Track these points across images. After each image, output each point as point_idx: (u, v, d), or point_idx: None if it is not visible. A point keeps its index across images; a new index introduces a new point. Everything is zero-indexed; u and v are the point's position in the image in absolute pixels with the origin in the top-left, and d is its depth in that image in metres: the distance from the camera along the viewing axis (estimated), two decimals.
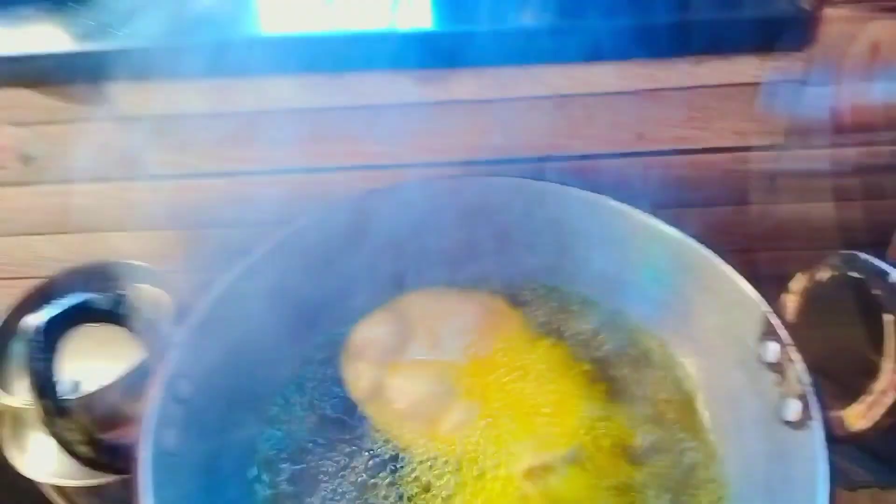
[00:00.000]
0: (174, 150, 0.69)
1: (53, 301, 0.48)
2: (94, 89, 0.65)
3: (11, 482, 0.70)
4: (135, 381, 0.62)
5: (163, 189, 0.72)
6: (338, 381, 0.61)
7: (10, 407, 0.66)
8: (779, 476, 0.47)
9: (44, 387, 0.45)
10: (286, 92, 0.64)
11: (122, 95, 0.65)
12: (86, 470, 0.64)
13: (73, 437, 0.47)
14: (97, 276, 0.72)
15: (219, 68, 0.61)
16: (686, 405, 0.56)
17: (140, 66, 0.62)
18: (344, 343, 0.62)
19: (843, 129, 0.64)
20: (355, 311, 0.65)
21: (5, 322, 0.68)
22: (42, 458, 0.67)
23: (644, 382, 0.56)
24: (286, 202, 0.71)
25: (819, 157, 0.66)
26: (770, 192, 0.68)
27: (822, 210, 0.69)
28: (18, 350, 0.69)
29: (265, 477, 0.56)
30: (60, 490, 0.70)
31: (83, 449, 0.47)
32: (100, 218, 0.76)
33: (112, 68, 0.63)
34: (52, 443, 0.65)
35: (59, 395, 0.46)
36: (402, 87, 0.63)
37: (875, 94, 0.62)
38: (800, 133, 0.64)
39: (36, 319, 0.46)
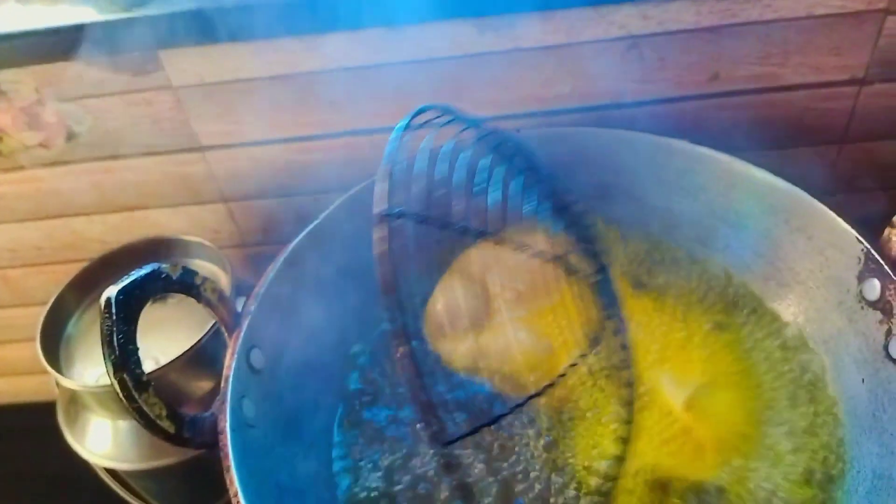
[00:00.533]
0: (226, 118, 0.66)
1: (119, 276, 0.47)
2: (142, 58, 0.63)
3: (67, 465, 0.70)
4: (205, 353, 0.61)
5: (214, 160, 0.70)
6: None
7: (68, 389, 0.65)
8: (891, 415, 0.45)
9: (124, 361, 0.43)
10: (342, 50, 0.61)
11: (171, 63, 0.63)
12: (143, 452, 0.65)
13: (156, 411, 0.45)
14: (150, 252, 0.70)
15: (271, 29, 0.59)
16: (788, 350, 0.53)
17: (189, 31, 0.60)
18: (423, 318, 0.59)
19: None
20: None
21: (55, 304, 0.67)
22: (99, 442, 0.66)
23: (741, 330, 0.54)
24: (345, 166, 0.68)
25: None
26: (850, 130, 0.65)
27: None
28: (77, 331, 0.68)
29: (344, 447, 0.54)
30: (115, 474, 0.69)
31: (167, 423, 0.45)
32: (146, 194, 0.74)
33: (160, 35, 0.60)
34: (108, 425, 0.65)
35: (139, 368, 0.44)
36: (463, 37, 0.60)
37: None
38: (881, 65, 0.61)
39: (110, 291, 0.44)
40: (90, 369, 0.65)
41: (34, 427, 0.94)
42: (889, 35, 0.59)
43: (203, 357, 0.62)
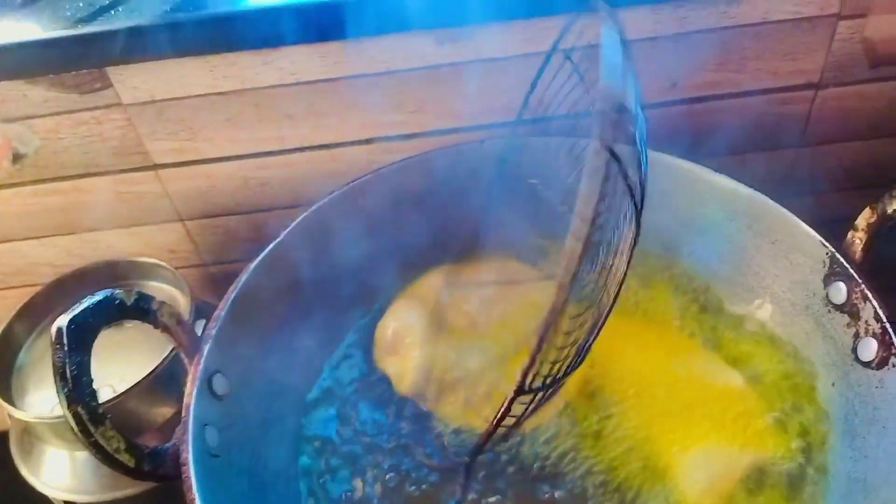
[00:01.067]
0: (179, 135, 0.64)
1: (72, 301, 0.44)
2: (89, 76, 0.60)
3: (24, 499, 0.67)
4: (164, 378, 0.59)
5: (168, 178, 0.67)
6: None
7: (22, 421, 0.62)
8: (861, 418, 0.46)
9: (78, 394, 0.41)
10: (299, 64, 0.60)
11: (120, 80, 0.61)
12: (103, 483, 0.62)
13: (114, 445, 0.43)
14: (104, 276, 0.68)
15: (222, 43, 0.58)
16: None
17: (137, 47, 0.58)
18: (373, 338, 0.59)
19: (879, 61, 0.62)
20: (388, 290, 0.61)
21: (5, 332, 0.64)
22: (57, 474, 0.63)
23: (712, 336, 0.54)
24: (304, 182, 0.67)
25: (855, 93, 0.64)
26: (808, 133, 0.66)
27: (863, 149, 0.67)
28: (29, 359, 0.65)
29: (311, 475, 0.53)
30: None
31: (125, 457, 0.43)
32: (98, 216, 0.71)
33: (107, 51, 0.58)
34: (66, 456, 0.63)
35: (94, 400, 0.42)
36: (422, 49, 0.59)
37: None
38: (836, 69, 0.62)
39: (61, 321, 0.42)
40: (44, 400, 0.62)
41: None
42: (842, 39, 0.60)
43: (163, 383, 0.60)
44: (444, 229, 0.61)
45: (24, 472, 0.64)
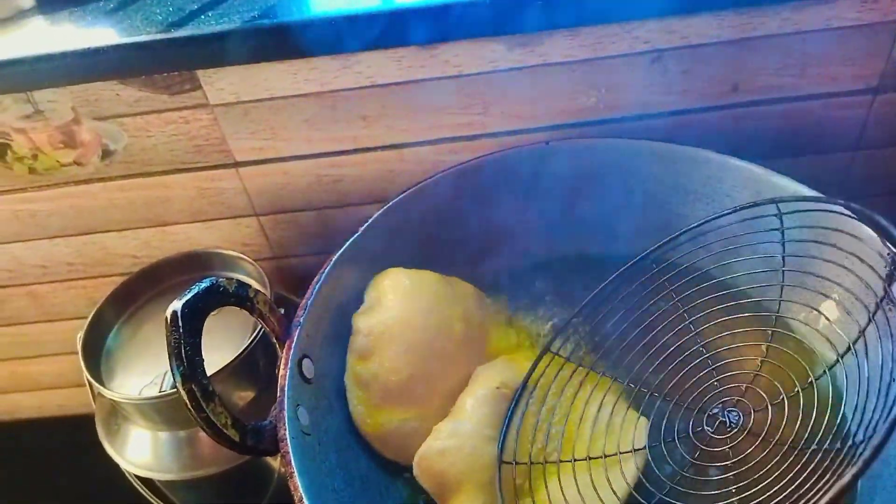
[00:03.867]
0: (260, 135, 0.68)
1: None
2: (179, 77, 0.64)
3: (100, 478, 0.71)
4: (244, 365, 0.62)
5: (247, 176, 0.71)
6: None
7: (110, 401, 0.66)
8: None
9: (192, 372, 0.45)
10: (374, 68, 0.63)
11: (209, 82, 0.64)
12: (183, 463, 0.66)
13: (222, 420, 0.46)
14: (187, 267, 0.72)
15: (306, 48, 0.61)
16: (810, 359, 0.55)
17: (226, 51, 0.61)
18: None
19: None
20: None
21: (95, 318, 0.68)
22: (140, 453, 0.67)
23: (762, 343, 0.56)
24: (375, 180, 0.70)
25: None
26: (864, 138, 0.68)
27: None
28: (117, 343, 0.69)
29: None
30: (152, 486, 0.70)
31: (232, 432, 0.47)
32: (178, 210, 0.75)
33: (197, 54, 0.62)
34: (148, 437, 0.67)
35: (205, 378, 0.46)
36: (494, 55, 0.62)
37: None
38: (895, 74, 0.63)
39: (175, 305, 0.46)
40: (130, 381, 0.66)
41: (64, 441, 0.96)
42: None
43: (243, 369, 0.64)
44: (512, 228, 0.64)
45: (110, 450, 0.68)
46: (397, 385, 0.54)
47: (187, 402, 0.45)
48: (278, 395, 0.50)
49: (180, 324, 0.45)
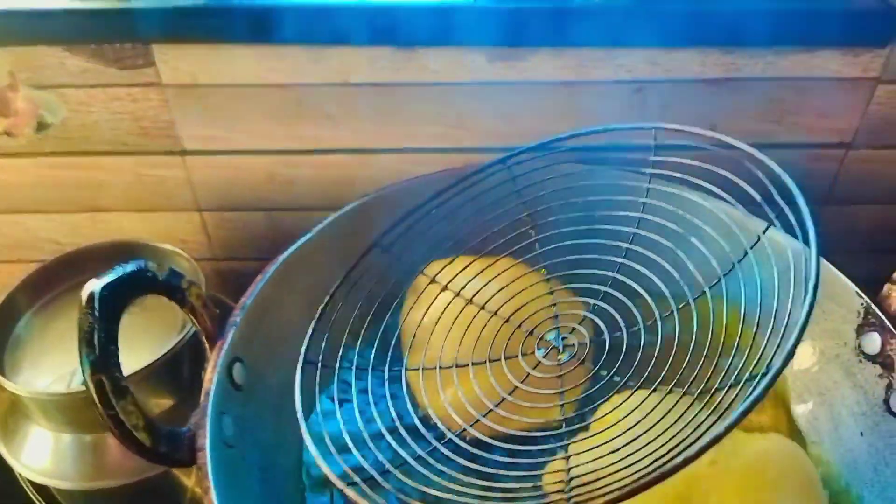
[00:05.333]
0: (214, 123, 0.63)
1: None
2: (133, 51, 0.60)
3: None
4: (166, 369, 0.57)
5: (194, 166, 0.66)
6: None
7: (11, 395, 0.59)
8: (893, 469, 0.45)
9: (104, 362, 0.40)
10: (347, 65, 0.60)
11: (164, 60, 0.60)
12: (86, 471, 0.60)
13: (133, 420, 0.41)
14: (113, 257, 0.65)
15: (276, 34, 0.57)
16: (777, 403, 0.53)
17: (187, 27, 0.57)
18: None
19: None
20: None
21: (3, 304, 0.62)
22: (38, 456, 0.60)
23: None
24: (333, 185, 0.66)
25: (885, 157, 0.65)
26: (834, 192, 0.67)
27: (886, 213, 0.69)
28: (27, 334, 0.63)
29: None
30: (48, 495, 0.63)
31: (143, 435, 0.41)
32: (113, 196, 0.70)
33: (155, 28, 0.58)
34: (50, 438, 0.60)
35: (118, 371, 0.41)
36: (474, 65, 0.59)
37: None
38: (869, 131, 0.63)
39: (93, 285, 0.41)
40: (36, 376, 0.60)
41: None
42: (878, 103, 0.62)
43: (166, 372, 0.58)
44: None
45: (4, 452, 0.61)
46: None
47: (95, 395, 0.39)
48: (202, 399, 0.45)
49: (96, 306, 0.40)
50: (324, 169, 0.66)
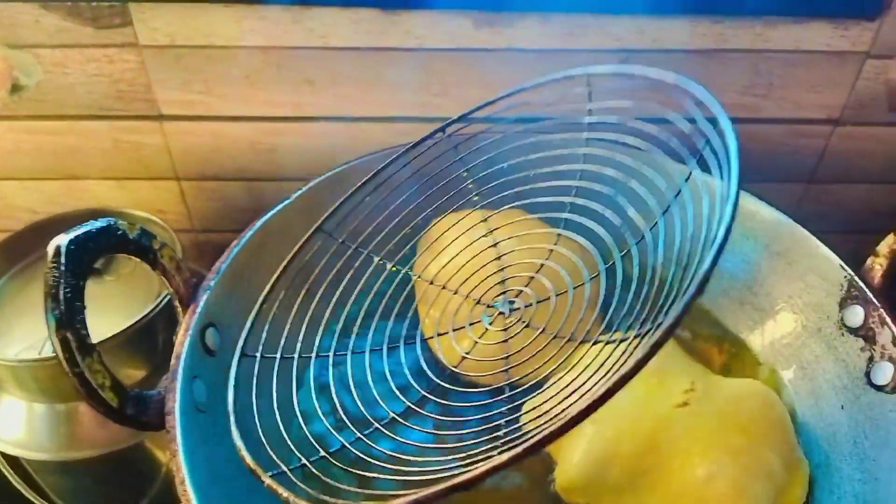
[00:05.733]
0: (192, 87, 0.62)
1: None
2: (109, 9, 0.58)
3: None
4: (140, 337, 0.56)
5: (172, 132, 0.65)
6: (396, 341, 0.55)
7: None
8: (872, 441, 0.45)
9: (70, 319, 0.38)
10: (331, 27, 0.58)
11: (142, 19, 0.58)
12: (60, 442, 0.58)
13: (99, 380, 0.40)
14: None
15: None
16: (758, 376, 0.53)
17: None
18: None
19: None
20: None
21: None
22: (10, 426, 0.59)
23: (711, 358, 0.53)
24: (317, 154, 0.65)
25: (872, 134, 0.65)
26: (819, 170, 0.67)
27: (870, 193, 0.68)
28: (1, 300, 0.61)
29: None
30: (20, 467, 0.62)
31: (109, 395, 0.40)
32: (90, 163, 0.68)
33: None
34: (23, 407, 0.58)
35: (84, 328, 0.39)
36: (460, 31, 0.58)
37: None
38: (856, 107, 0.63)
39: (60, 239, 0.39)
40: (8, 343, 0.58)
41: None
42: (867, 78, 0.61)
43: (139, 341, 0.57)
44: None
45: None
46: None
47: (60, 352, 0.38)
48: (172, 362, 0.44)
49: (63, 261, 0.39)
50: (306, 138, 0.64)
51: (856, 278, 0.48)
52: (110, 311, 0.59)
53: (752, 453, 0.43)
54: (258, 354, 0.45)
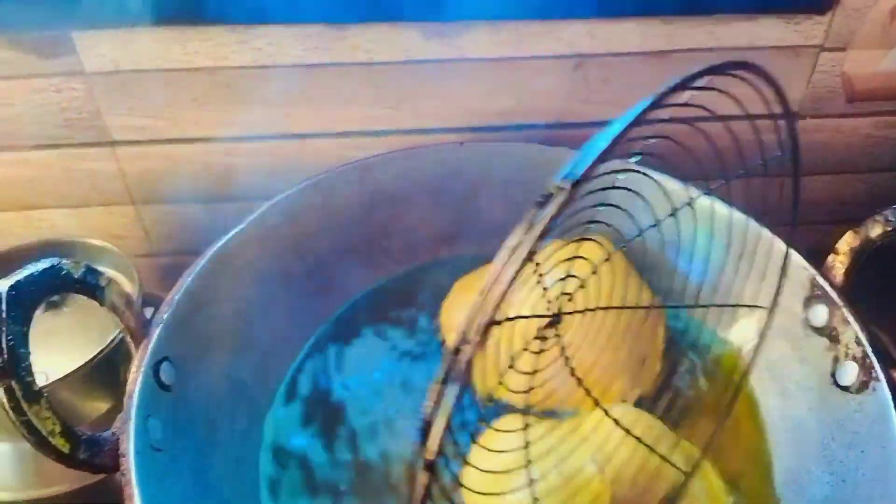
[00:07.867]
0: (142, 111, 0.60)
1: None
2: (52, 39, 0.56)
3: None
4: (102, 369, 0.54)
5: (125, 157, 0.63)
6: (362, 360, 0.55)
7: None
8: (839, 442, 0.45)
9: (13, 367, 0.37)
10: (276, 45, 0.57)
11: (85, 46, 0.57)
12: (26, 480, 0.57)
13: (48, 427, 0.38)
14: (44, 257, 0.63)
15: (197, 13, 0.55)
16: (725, 378, 0.52)
17: (107, 12, 0.54)
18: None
19: (855, 97, 0.63)
20: (350, 288, 0.59)
21: None
22: None
23: (679, 360, 0.53)
24: (271, 173, 0.64)
25: (831, 126, 0.65)
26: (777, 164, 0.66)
27: (831, 184, 0.68)
28: None
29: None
30: None
31: (60, 441, 0.39)
32: (42, 192, 0.66)
33: (75, 13, 0.55)
34: None
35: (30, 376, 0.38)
36: (407, 42, 0.57)
37: (891, 62, 0.61)
38: (814, 101, 0.63)
39: (0, 285, 0.38)
40: None
41: None
42: (822, 71, 0.61)
43: (101, 374, 0.56)
44: (415, 229, 0.59)
45: None
46: None
47: (5, 401, 0.37)
48: (125, 401, 0.43)
49: (3, 308, 0.37)
50: (260, 156, 0.63)
51: (818, 277, 0.48)
52: (70, 343, 0.57)
53: None
54: None
